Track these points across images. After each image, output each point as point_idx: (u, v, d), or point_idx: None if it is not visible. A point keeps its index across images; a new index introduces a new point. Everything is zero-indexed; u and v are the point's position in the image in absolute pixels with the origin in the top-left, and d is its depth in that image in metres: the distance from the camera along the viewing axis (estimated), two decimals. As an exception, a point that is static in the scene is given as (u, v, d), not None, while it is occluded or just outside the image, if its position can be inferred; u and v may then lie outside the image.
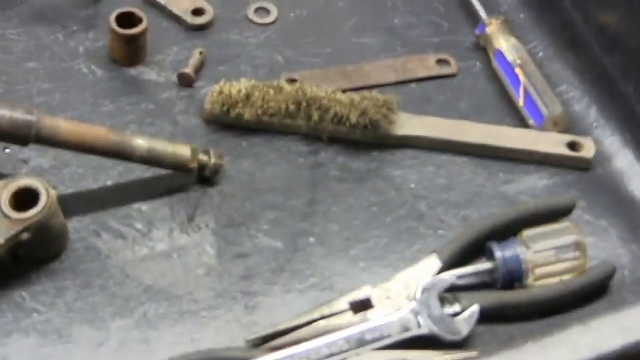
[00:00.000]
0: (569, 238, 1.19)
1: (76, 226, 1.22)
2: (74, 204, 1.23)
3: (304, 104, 1.29)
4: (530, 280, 1.18)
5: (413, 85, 1.39)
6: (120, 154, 1.21)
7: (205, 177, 1.26)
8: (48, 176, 1.24)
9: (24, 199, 1.11)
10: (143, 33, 1.34)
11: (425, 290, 1.15)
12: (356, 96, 1.30)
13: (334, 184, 1.29)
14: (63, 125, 1.18)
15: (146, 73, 1.36)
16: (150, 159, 1.22)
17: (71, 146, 1.20)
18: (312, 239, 1.24)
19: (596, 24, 1.35)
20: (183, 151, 1.23)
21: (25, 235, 1.11)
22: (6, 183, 1.12)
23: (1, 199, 1.11)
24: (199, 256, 1.21)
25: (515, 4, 1.46)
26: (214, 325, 1.15)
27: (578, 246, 1.19)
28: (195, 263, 1.20)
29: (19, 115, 1.15)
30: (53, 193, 1.13)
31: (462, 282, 1.17)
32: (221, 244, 1.22)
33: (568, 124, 1.34)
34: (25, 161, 1.25)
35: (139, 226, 1.23)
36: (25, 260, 1.16)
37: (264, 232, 1.24)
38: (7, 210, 1.10)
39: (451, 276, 1.17)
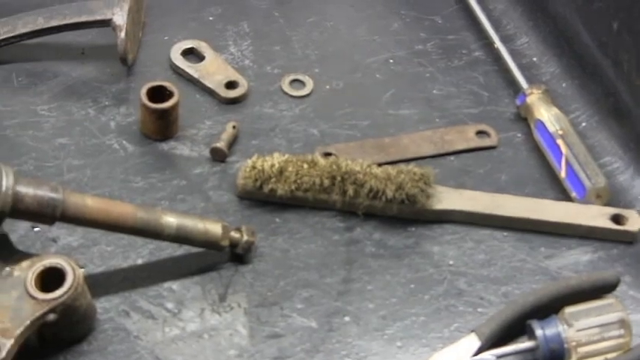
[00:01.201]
0: (614, 316, 1.17)
1: (105, 305, 1.20)
2: (103, 283, 1.21)
3: (339, 179, 1.27)
4: (573, 359, 1.14)
5: (452, 157, 1.37)
6: (148, 232, 1.19)
7: (238, 255, 1.25)
8: (77, 255, 1.23)
9: (50, 279, 1.10)
10: (175, 107, 1.33)
11: None
12: (392, 170, 1.28)
13: (370, 260, 1.26)
14: (90, 203, 1.16)
15: (178, 147, 1.35)
16: (180, 237, 1.21)
17: (98, 225, 1.18)
18: (347, 318, 1.21)
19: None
20: (214, 228, 1.21)
21: (51, 317, 1.09)
22: (32, 262, 1.11)
23: (27, 280, 1.09)
24: (231, 337, 1.19)
25: (557, 73, 1.44)
26: None
27: (623, 323, 1.16)
28: (227, 344, 1.18)
29: (44, 193, 1.13)
30: (80, 272, 1.11)
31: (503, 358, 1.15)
32: (254, 325, 1.20)
33: (612, 196, 1.32)
34: (54, 240, 1.24)
35: (169, 305, 1.21)
36: (51, 341, 1.15)
37: (298, 311, 1.22)
38: (33, 291, 1.09)
39: (491, 357, 1.14)
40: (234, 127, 1.35)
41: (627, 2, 1.32)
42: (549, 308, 1.18)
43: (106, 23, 1.38)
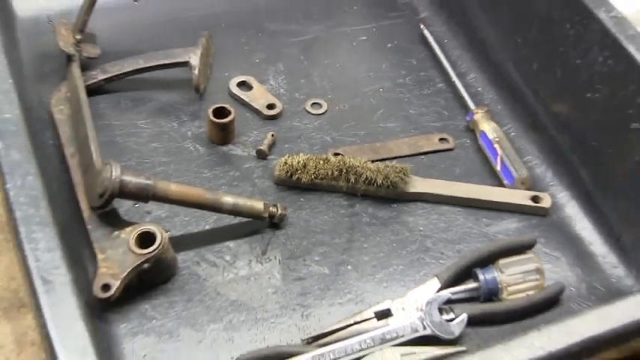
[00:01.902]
0: (532, 265, 1.19)
1: (184, 257, 1.22)
2: (182, 242, 1.23)
3: (344, 171, 1.29)
4: (504, 296, 1.17)
5: (422, 156, 1.38)
6: (213, 208, 1.22)
7: (274, 223, 1.26)
8: (164, 223, 1.24)
9: (145, 239, 1.13)
10: (231, 122, 1.35)
11: (428, 304, 1.15)
12: (381, 165, 1.30)
13: (366, 227, 1.28)
14: (172, 188, 1.18)
15: (234, 149, 1.36)
16: (234, 211, 1.23)
17: (178, 203, 1.20)
18: (349, 267, 1.23)
19: (552, 113, 1.35)
20: (258, 205, 1.23)
21: (145, 266, 1.12)
22: (133, 228, 1.14)
23: (129, 240, 1.12)
24: (269, 280, 1.21)
25: (495, 98, 1.46)
26: (279, 328, 1.15)
27: (538, 271, 1.19)
28: (266, 284, 1.20)
29: (140, 180, 1.15)
30: (166, 235, 1.13)
31: (455, 297, 1.17)
32: (285, 271, 1.22)
33: (532, 183, 1.34)
34: (148, 212, 1.25)
35: (227, 258, 1.23)
36: (147, 283, 1.17)
37: (315, 262, 1.23)
38: (134, 247, 1.12)
39: (447, 293, 1.17)
40: (272, 135, 1.36)
41: (543, 52, 1.34)
42: (488, 260, 1.20)
43: (185, 64, 1.40)
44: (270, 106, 1.42)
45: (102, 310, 1.13)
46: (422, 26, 1.55)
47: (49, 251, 0.95)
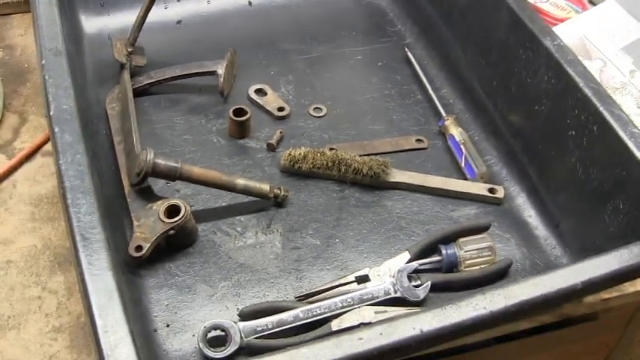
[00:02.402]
0: (486, 244, 1.16)
1: (203, 227, 1.19)
2: (202, 215, 1.20)
3: (337, 162, 1.26)
4: (462, 268, 1.15)
5: (401, 153, 1.34)
6: (228, 188, 1.19)
7: (278, 202, 1.23)
8: (189, 199, 1.21)
9: (173, 211, 1.11)
10: (248, 120, 1.32)
11: (399, 272, 1.12)
12: (367, 158, 1.27)
13: (352, 209, 1.25)
14: (195, 170, 1.17)
15: (249, 143, 1.33)
16: (245, 191, 1.20)
17: (200, 182, 1.18)
18: (337, 240, 1.20)
19: (507, 121, 1.32)
20: (265, 186, 1.20)
21: (172, 232, 1.10)
22: (163, 202, 1.12)
23: (159, 211, 1.10)
24: (271, 248, 1.18)
25: (463, 108, 1.42)
26: (277, 287, 1.12)
27: (490, 249, 1.16)
28: (269, 252, 1.17)
29: (170, 163, 1.14)
30: (189, 208, 1.11)
31: (421, 268, 1.14)
32: (284, 241, 1.19)
33: (489, 178, 1.30)
34: (177, 190, 1.22)
35: (238, 229, 1.20)
36: (172, 246, 1.14)
37: (310, 235, 1.20)
38: (162, 217, 1.10)
39: (415, 264, 1.14)
40: (280, 132, 1.33)
41: (501, 71, 1.32)
42: (451, 239, 1.17)
43: (213, 73, 1.37)
44: (280, 109, 1.38)
45: (135, 267, 1.11)
46: (406, 49, 1.51)
47: (89, 214, 0.92)
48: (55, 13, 1.19)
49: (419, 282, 1.12)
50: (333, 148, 1.31)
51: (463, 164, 1.31)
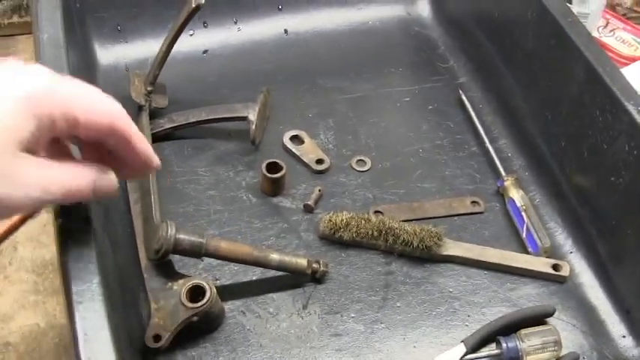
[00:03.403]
0: (552, 338, 1.08)
1: (230, 307, 1.10)
2: (230, 291, 1.12)
3: (383, 232, 1.17)
4: None
5: (455, 218, 1.25)
6: (260, 264, 1.11)
7: (316, 278, 1.14)
8: (214, 271, 1.13)
9: (196, 292, 1.02)
10: (283, 177, 1.23)
11: None
12: (417, 227, 1.17)
13: (400, 286, 1.16)
14: (223, 245, 1.07)
15: (283, 201, 1.24)
16: (280, 267, 1.11)
17: (228, 259, 1.10)
18: (382, 325, 1.11)
19: (575, 186, 1.23)
20: (302, 262, 1.12)
21: (194, 318, 1.01)
22: (185, 281, 1.03)
23: (181, 293, 1.02)
24: (308, 334, 1.09)
25: (523, 165, 1.33)
26: None
27: (556, 343, 1.08)
28: (305, 338, 1.08)
29: (194, 239, 1.05)
30: (214, 291, 1.02)
31: None
32: (323, 326, 1.10)
33: (552, 251, 1.20)
34: (201, 260, 1.13)
35: (270, 310, 1.11)
36: (195, 330, 1.05)
37: (352, 318, 1.11)
38: (185, 301, 1.01)
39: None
40: (319, 190, 1.24)
41: (572, 131, 1.22)
42: (511, 328, 1.09)
43: (244, 119, 1.28)
44: (319, 161, 1.29)
45: (153, 355, 1.02)
46: (460, 91, 1.41)
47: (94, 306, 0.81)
48: (60, 39, 1.08)
49: (477, 382, 1.04)
50: (378, 211, 1.23)
51: (524, 235, 1.21)
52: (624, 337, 1.13)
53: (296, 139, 1.33)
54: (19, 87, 0.61)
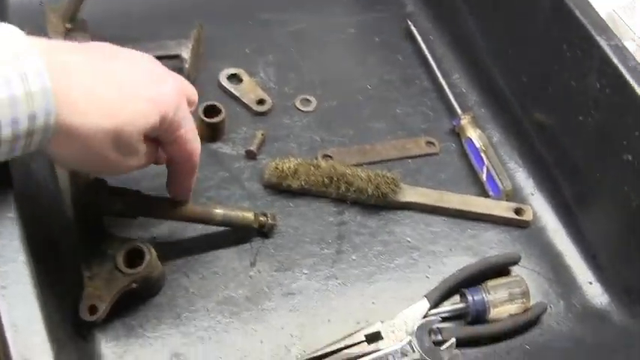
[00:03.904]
0: (519, 290, 1.03)
1: (172, 268, 1.02)
2: (170, 250, 1.03)
3: (335, 179, 1.10)
4: (490, 316, 1.01)
5: (409, 160, 1.18)
6: (203, 221, 1.02)
7: (264, 232, 1.06)
8: (151, 228, 1.05)
9: (134, 256, 0.93)
10: (222, 121, 1.15)
11: (418, 328, 0.98)
12: (372, 174, 1.10)
13: (354, 237, 1.09)
14: (161, 203, 0.99)
15: (223, 148, 1.15)
16: (224, 223, 1.03)
17: (167, 218, 1.01)
18: (339, 282, 1.04)
19: (538, 125, 1.17)
20: (248, 215, 1.04)
21: (133, 285, 0.92)
22: (120, 244, 0.94)
23: (117, 258, 0.92)
24: (258, 295, 1.01)
25: (478, 101, 1.27)
26: (268, 349, 0.97)
27: (524, 294, 1.03)
28: (256, 300, 1.01)
29: (127, 198, 0.97)
30: (154, 252, 0.93)
31: (443, 316, 1.02)
32: (274, 285, 1.03)
33: (514, 195, 1.15)
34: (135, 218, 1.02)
35: (215, 269, 1.03)
36: (135, 296, 0.95)
37: (306, 275, 1.04)
38: (121, 266, 0.92)
39: (436, 318, 1.00)
40: (262, 134, 1.16)
41: (536, 67, 1.16)
42: (476, 279, 1.04)
43: (177, 57, 1.19)
44: (260, 102, 1.21)
45: (87, 329, 0.94)
46: (409, 21, 1.34)
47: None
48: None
49: (440, 337, 0.98)
50: (327, 155, 1.16)
51: (484, 177, 1.16)
52: (591, 283, 1.09)
53: (234, 78, 1.24)
54: (152, 88, 0.80)
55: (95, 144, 0.75)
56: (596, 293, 1.08)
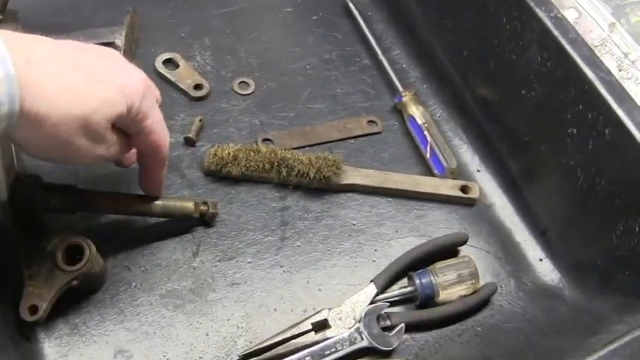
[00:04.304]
0: (467, 271, 1.02)
1: (113, 262, 1.00)
2: (111, 244, 1.01)
3: (276, 164, 1.08)
4: (439, 298, 1.01)
5: (351, 140, 1.17)
6: (142, 213, 1.00)
7: (205, 221, 1.04)
8: (91, 222, 1.02)
9: (73, 252, 0.91)
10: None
11: (366, 315, 0.97)
12: (313, 157, 1.09)
13: (298, 222, 1.08)
14: (98, 197, 0.97)
15: (161, 135, 1.09)
16: (164, 214, 1.01)
17: (106, 212, 1.01)
18: (283, 269, 1.03)
19: (481, 100, 1.16)
20: (188, 205, 1.02)
21: (74, 282, 0.90)
22: (60, 240, 0.91)
23: (56, 255, 0.90)
24: (202, 286, 1.00)
25: (420, 77, 1.25)
26: (214, 341, 0.96)
27: (473, 275, 1.02)
28: (200, 292, 1.00)
29: (63, 193, 0.95)
30: (94, 248, 0.91)
31: (391, 300, 1.00)
32: (218, 276, 1.01)
33: (459, 169, 1.14)
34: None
35: (158, 261, 1.01)
36: (77, 292, 0.93)
37: (250, 264, 1.03)
38: (61, 264, 0.90)
39: (384, 304, 0.99)
40: (200, 120, 1.14)
41: (475, 41, 1.15)
42: (423, 261, 1.02)
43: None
44: (198, 87, 1.19)
45: (29, 329, 0.93)
46: (346, -3, 1.31)
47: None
48: None
49: (389, 322, 0.98)
50: (267, 139, 1.15)
51: (428, 155, 1.15)
52: (541, 260, 1.09)
53: (170, 63, 1.22)
54: (118, 77, 0.80)
55: (63, 131, 0.75)
56: (546, 270, 1.08)
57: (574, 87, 0.98)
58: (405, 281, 1.03)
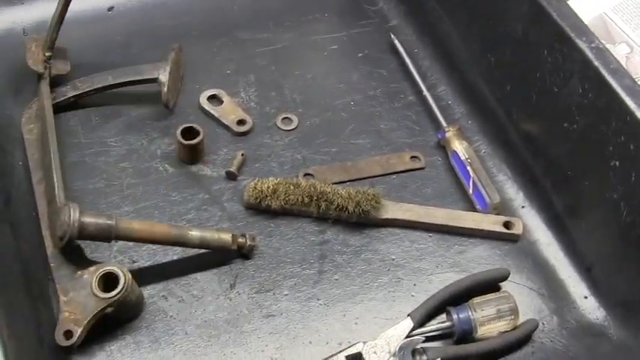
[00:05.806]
0: (507, 306, 1.01)
1: (150, 292, 1.02)
2: (149, 273, 1.03)
3: (315, 197, 1.08)
4: (478, 334, 0.99)
5: (394, 176, 1.17)
6: (179, 243, 1.01)
7: (243, 254, 1.05)
8: (131, 252, 1.04)
9: (109, 280, 0.93)
10: (201, 142, 1.14)
11: (401, 348, 0.96)
12: (352, 191, 1.09)
13: (336, 256, 1.08)
14: (135, 226, 0.98)
15: (203, 169, 1.15)
16: (202, 245, 1.02)
17: (143, 241, 1.00)
18: (320, 302, 1.03)
19: (524, 135, 1.16)
20: (226, 237, 1.03)
21: (109, 310, 0.93)
22: (96, 268, 0.93)
23: (92, 282, 0.92)
24: (238, 317, 1.01)
25: (465, 113, 1.25)
26: None
27: (512, 311, 1.01)
28: (235, 322, 1.00)
29: (101, 221, 0.95)
30: (129, 276, 0.93)
31: (428, 335, 0.99)
32: (254, 307, 1.02)
33: (503, 208, 1.13)
34: (116, 241, 1.01)
35: (195, 292, 1.03)
36: (112, 320, 0.96)
37: (285, 296, 1.03)
38: (96, 291, 0.92)
39: (420, 338, 0.98)
40: (242, 155, 1.15)
41: (518, 74, 1.15)
42: (461, 296, 1.01)
43: (154, 80, 1.18)
44: (241, 122, 1.20)
45: (65, 354, 0.93)
46: (392, 35, 1.33)
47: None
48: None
49: (425, 358, 0.96)
50: (308, 174, 1.15)
51: (471, 191, 1.14)
52: (586, 297, 1.07)
53: (214, 99, 1.24)
54: None
55: None
56: (591, 307, 1.06)
57: (616, 118, 0.98)
58: (443, 317, 1.02)
